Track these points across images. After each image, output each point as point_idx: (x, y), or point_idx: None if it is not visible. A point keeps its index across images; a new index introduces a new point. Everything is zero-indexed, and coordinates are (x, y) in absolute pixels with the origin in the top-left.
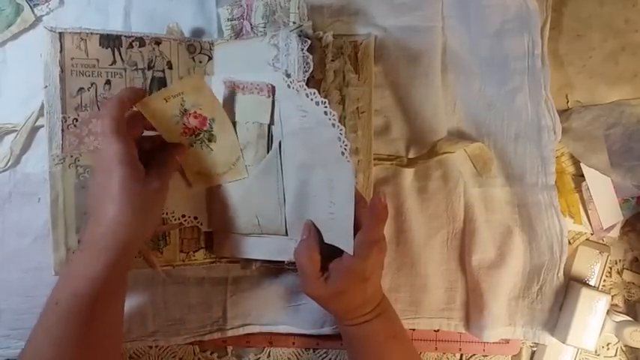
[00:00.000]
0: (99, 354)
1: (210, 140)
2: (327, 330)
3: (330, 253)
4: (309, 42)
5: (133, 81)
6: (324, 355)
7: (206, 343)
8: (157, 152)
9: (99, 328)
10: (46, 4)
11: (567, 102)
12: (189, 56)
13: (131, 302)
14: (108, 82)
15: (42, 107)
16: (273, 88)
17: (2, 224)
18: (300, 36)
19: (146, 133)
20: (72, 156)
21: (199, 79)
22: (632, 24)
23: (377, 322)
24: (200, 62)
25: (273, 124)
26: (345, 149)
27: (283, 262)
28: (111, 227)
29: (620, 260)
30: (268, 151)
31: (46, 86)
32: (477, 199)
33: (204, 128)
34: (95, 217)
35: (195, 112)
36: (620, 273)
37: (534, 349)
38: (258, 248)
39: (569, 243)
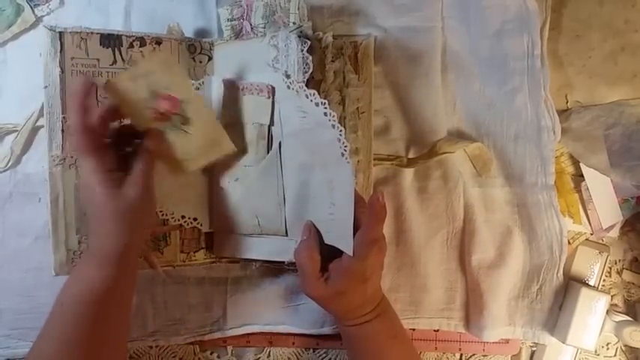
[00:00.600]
0: (104, 356)
1: (184, 123)
2: (327, 330)
3: (330, 254)
4: (309, 43)
5: None
6: (324, 355)
7: (206, 342)
8: (134, 151)
9: (103, 331)
10: (47, 4)
11: (567, 102)
12: (189, 56)
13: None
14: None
15: (42, 107)
16: (273, 89)
17: (3, 224)
18: (299, 37)
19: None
20: (72, 156)
21: (167, 54)
22: (631, 24)
23: (377, 322)
24: (200, 62)
25: (273, 124)
26: (345, 150)
27: (283, 262)
28: (105, 241)
29: (619, 260)
30: (268, 152)
31: (46, 86)
32: (476, 199)
33: (176, 111)
34: (90, 230)
35: (165, 95)
36: (619, 273)
37: (534, 349)
38: (258, 248)
39: (569, 243)
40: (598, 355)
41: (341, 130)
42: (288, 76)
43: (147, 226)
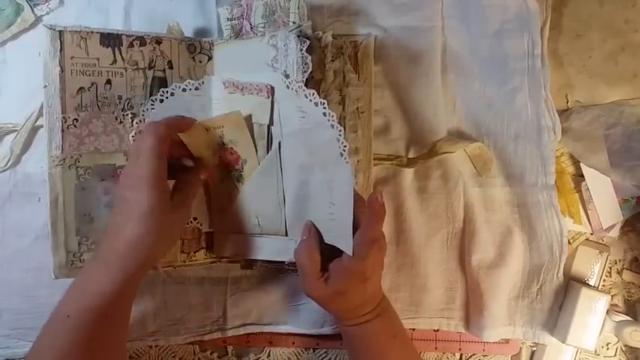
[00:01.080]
0: (107, 357)
1: (238, 180)
2: (327, 330)
3: (330, 254)
4: (308, 42)
5: (133, 80)
6: (324, 355)
7: (206, 342)
8: (183, 172)
9: (106, 340)
10: (46, 3)
11: (567, 102)
12: (189, 56)
13: None
14: (108, 82)
15: (42, 107)
16: (272, 88)
17: (2, 224)
18: (298, 36)
19: None
20: (72, 157)
21: (239, 116)
22: (631, 24)
23: (377, 322)
24: (200, 62)
25: (272, 124)
26: (344, 150)
27: (283, 262)
28: (131, 247)
29: (619, 260)
30: (268, 152)
31: (46, 86)
32: (476, 199)
33: (237, 167)
34: (116, 232)
35: (231, 149)
36: (619, 273)
37: (534, 348)
38: (258, 248)
39: (569, 243)
40: (598, 355)
41: (340, 130)
42: (287, 76)
43: (169, 247)
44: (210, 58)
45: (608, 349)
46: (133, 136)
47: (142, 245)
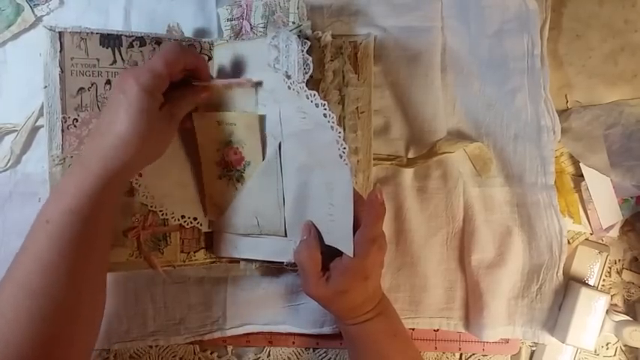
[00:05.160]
0: (88, 284)
1: (238, 181)
2: (327, 329)
3: (330, 253)
4: (309, 43)
5: None
6: (324, 355)
7: (206, 342)
8: (180, 88)
9: (91, 252)
10: (47, 4)
11: (567, 102)
12: None
13: (131, 302)
14: (108, 82)
15: (42, 107)
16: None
17: (3, 224)
18: (299, 37)
19: None
20: (72, 157)
21: (254, 117)
22: (631, 24)
23: (377, 320)
24: None
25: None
26: (344, 152)
27: (282, 262)
28: (115, 145)
29: (619, 260)
30: (265, 152)
31: (46, 86)
32: (476, 199)
33: (238, 168)
34: (102, 130)
35: (236, 149)
36: (619, 273)
37: (534, 348)
38: (257, 249)
39: (569, 243)
40: (598, 354)
41: (340, 132)
42: (288, 77)
43: (152, 157)
44: (210, 59)
45: (607, 348)
46: None
47: (126, 144)
